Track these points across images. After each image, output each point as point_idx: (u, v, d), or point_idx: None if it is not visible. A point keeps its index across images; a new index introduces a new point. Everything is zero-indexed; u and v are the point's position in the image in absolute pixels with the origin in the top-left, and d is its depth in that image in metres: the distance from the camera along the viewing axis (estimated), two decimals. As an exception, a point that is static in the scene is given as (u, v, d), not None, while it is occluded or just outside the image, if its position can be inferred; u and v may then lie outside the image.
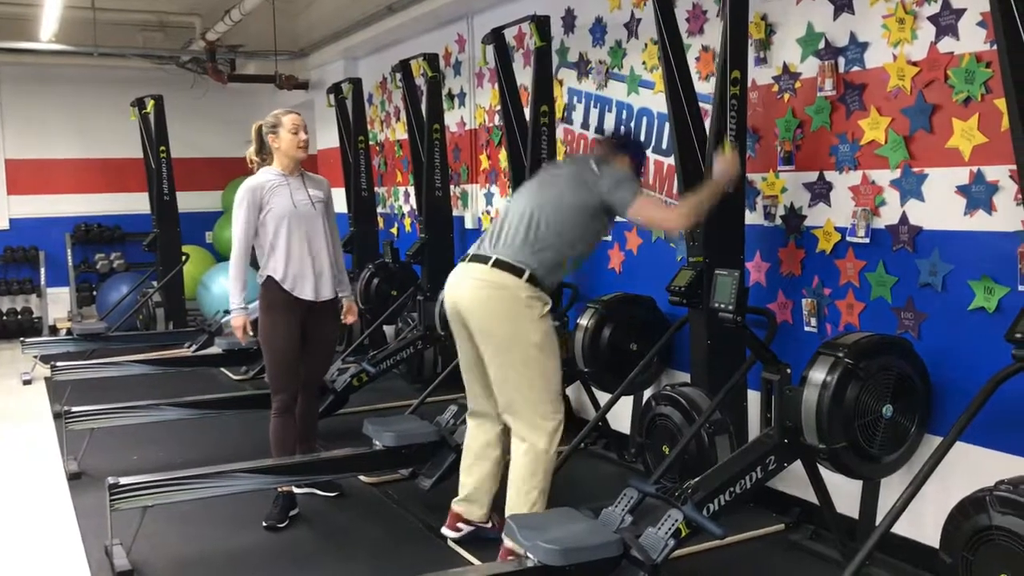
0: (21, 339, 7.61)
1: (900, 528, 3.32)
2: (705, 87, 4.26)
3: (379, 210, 7.99)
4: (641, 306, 4.68)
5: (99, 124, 9.90)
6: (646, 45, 4.79)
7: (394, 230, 8.02)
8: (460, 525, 3.81)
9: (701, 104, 4.06)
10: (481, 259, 3.55)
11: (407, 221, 7.81)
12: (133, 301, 8.83)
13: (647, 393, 4.75)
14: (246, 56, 8.85)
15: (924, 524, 3.38)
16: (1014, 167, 2.80)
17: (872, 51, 3.58)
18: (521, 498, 3.49)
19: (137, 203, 9.88)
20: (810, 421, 3.19)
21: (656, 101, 4.75)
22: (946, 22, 3.28)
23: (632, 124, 4.94)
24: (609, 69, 5.08)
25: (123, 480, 3.72)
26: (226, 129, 10.17)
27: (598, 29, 5.14)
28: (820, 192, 3.84)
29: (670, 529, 2.96)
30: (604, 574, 2.94)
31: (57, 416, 6.15)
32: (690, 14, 4.43)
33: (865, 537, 3.39)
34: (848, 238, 3.70)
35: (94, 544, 3.91)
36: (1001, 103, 3.05)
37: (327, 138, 9.14)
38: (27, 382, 7.24)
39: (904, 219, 3.49)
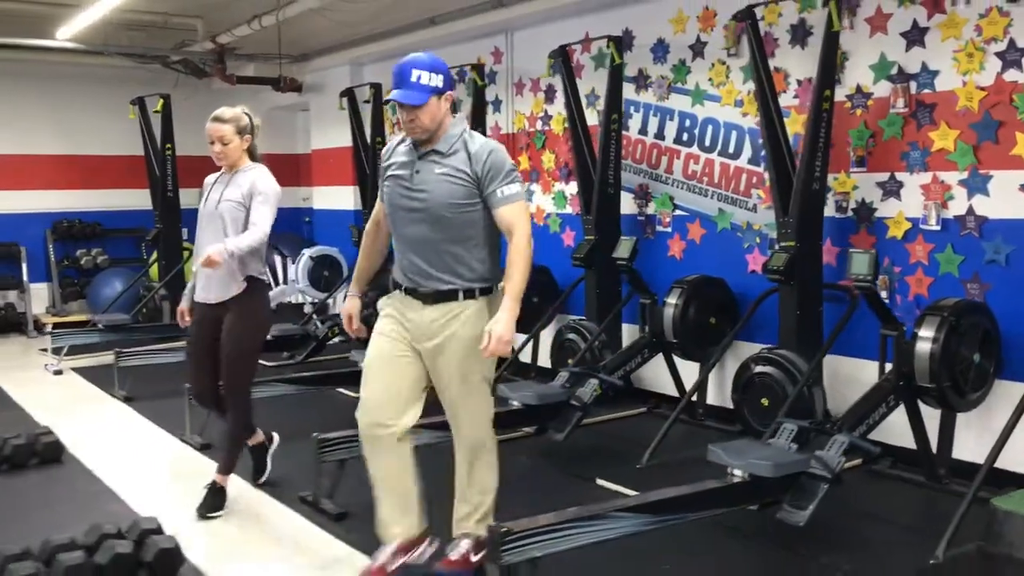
0: (51, 330, 7.72)
1: (969, 456, 4.24)
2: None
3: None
4: (717, 287, 5.50)
5: (78, 121, 9.92)
6: (713, 64, 5.61)
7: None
8: None
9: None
10: None
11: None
12: (132, 295, 8.99)
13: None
14: (248, 59, 9.15)
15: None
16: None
17: (942, 77, 4.51)
18: None
19: (115, 199, 10.05)
20: (922, 367, 4.08)
21: (722, 112, 5.59)
22: (1012, 58, 4.23)
23: (696, 131, 5.75)
24: (672, 84, 5.88)
25: (329, 435, 4.21)
26: (203, 129, 10.32)
27: (660, 48, 5.93)
28: (892, 189, 4.74)
29: (840, 449, 3.76)
30: (787, 487, 3.70)
31: (127, 399, 6.43)
32: (764, 40, 5.27)
33: (945, 464, 4.32)
34: (920, 226, 4.62)
35: (287, 497, 4.38)
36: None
37: (323, 139, 9.58)
38: (58, 372, 7.38)
39: (971, 210, 4.43)
